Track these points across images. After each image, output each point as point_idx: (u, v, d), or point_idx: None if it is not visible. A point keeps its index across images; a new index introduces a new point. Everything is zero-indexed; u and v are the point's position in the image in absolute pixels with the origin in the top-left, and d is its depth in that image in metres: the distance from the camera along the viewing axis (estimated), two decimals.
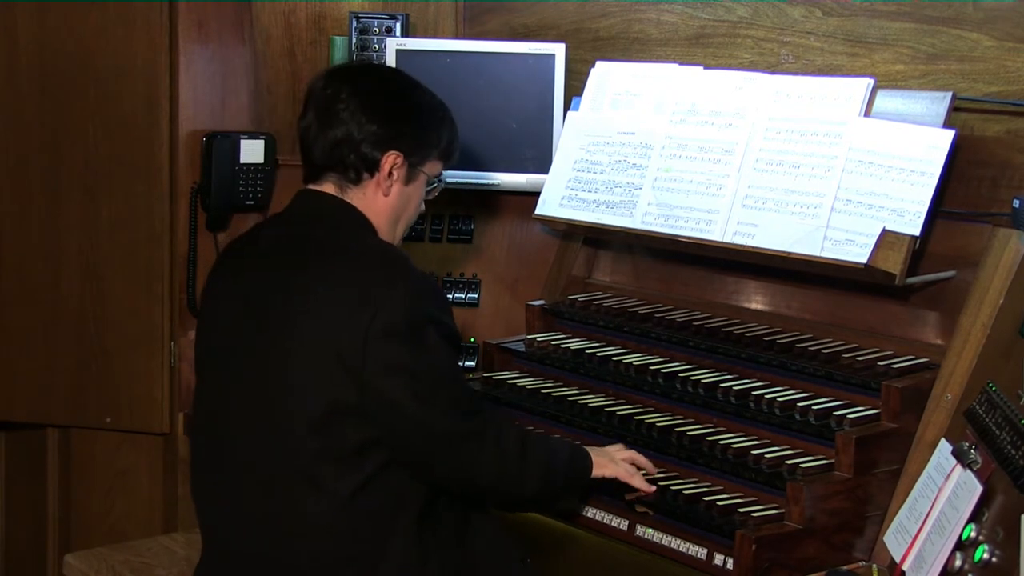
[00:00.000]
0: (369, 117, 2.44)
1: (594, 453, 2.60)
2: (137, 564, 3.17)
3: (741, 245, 2.83)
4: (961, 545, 2.16)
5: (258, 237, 2.56)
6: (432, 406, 2.33)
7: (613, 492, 2.60)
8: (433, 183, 2.58)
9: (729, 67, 3.11)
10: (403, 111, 2.50)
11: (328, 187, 2.49)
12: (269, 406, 2.35)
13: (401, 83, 2.57)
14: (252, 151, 3.61)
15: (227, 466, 2.41)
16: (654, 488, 2.57)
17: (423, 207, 2.60)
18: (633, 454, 2.64)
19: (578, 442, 2.69)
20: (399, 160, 2.47)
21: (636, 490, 2.58)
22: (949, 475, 2.24)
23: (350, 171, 2.46)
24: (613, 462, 2.59)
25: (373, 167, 2.46)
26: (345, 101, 2.45)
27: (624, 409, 2.84)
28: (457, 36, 3.70)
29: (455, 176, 3.39)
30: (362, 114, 2.44)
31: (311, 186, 2.51)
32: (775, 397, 2.66)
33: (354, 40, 3.57)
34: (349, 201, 2.47)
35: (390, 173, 2.47)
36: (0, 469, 3.88)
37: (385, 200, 2.49)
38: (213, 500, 2.46)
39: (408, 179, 2.51)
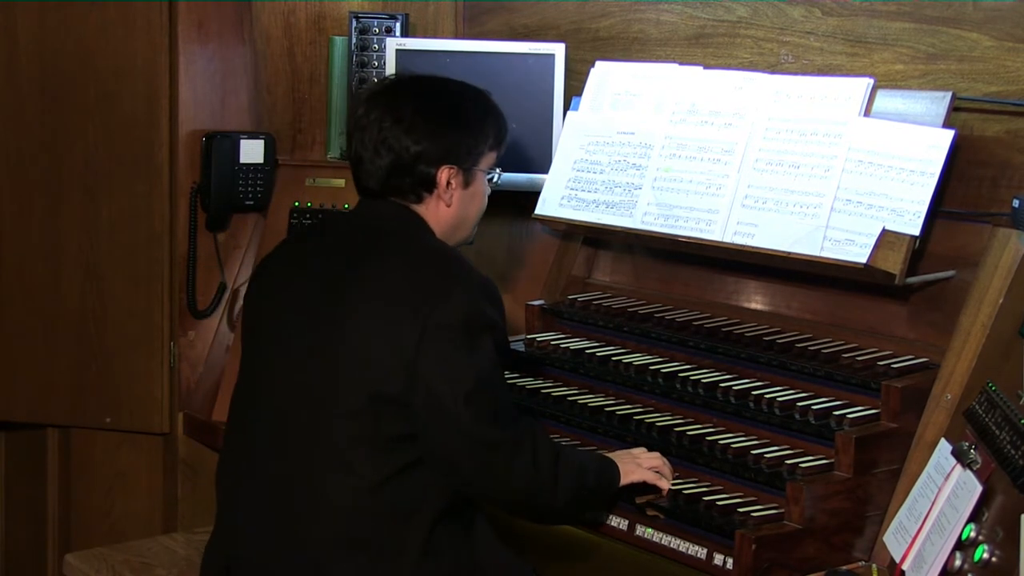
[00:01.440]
0: (415, 139, 2.45)
1: (618, 458, 2.59)
2: (137, 564, 3.17)
3: (741, 245, 2.83)
4: (961, 545, 2.16)
5: (323, 230, 2.61)
6: (472, 409, 2.33)
7: (622, 494, 2.59)
8: (492, 174, 2.59)
9: (729, 67, 3.10)
10: (447, 123, 2.50)
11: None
12: (314, 390, 2.37)
13: (438, 92, 2.56)
14: (252, 151, 3.61)
15: (260, 443, 2.43)
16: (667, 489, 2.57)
17: (488, 195, 2.61)
18: (662, 461, 2.61)
19: (595, 449, 2.66)
20: (454, 171, 2.49)
21: (647, 492, 2.57)
22: (949, 475, 2.24)
23: (410, 195, 2.49)
24: (639, 467, 2.58)
25: (431, 184, 2.48)
26: (389, 128, 2.46)
27: (624, 409, 2.84)
28: (457, 36, 3.69)
29: None
30: (407, 137, 2.45)
31: None
32: (775, 397, 2.66)
33: (354, 40, 3.57)
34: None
35: (448, 183, 2.49)
36: (0, 469, 3.88)
37: (448, 209, 2.51)
38: (237, 480, 2.47)
39: (467, 183, 2.52)
